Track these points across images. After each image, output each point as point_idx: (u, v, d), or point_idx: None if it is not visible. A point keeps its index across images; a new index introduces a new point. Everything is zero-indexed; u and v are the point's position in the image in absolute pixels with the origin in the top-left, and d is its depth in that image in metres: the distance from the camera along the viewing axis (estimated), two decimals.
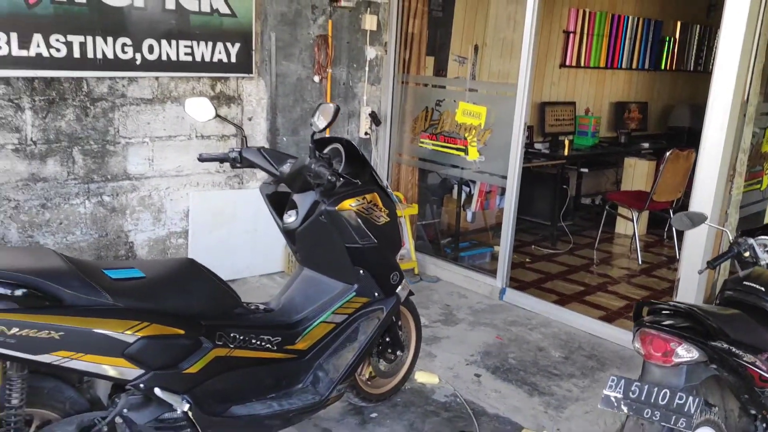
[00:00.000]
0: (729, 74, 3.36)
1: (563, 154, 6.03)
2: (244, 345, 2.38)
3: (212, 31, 4.18)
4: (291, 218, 2.68)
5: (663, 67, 7.94)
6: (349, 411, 3.08)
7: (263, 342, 2.45)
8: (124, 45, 3.85)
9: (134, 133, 4.07)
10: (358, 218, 2.63)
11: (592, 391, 3.39)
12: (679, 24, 7.96)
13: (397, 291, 2.87)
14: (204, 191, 4.44)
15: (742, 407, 2.38)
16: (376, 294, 2.78)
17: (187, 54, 4.11)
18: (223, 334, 2.31)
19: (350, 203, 2.60)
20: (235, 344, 2.34)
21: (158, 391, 2.12)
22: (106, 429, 2.10)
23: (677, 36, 7.99)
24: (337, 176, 2.48)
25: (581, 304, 4.57)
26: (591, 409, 3.21)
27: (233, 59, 4.31)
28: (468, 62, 5.61)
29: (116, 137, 4.01)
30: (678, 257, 4.32)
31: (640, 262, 5.55)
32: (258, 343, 2.43)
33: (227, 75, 4.34)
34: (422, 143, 5.13)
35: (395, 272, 2.85)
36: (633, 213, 5.71)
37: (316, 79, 4.79)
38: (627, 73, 7.51)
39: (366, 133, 5.11)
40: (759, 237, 2.53)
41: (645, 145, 6.89)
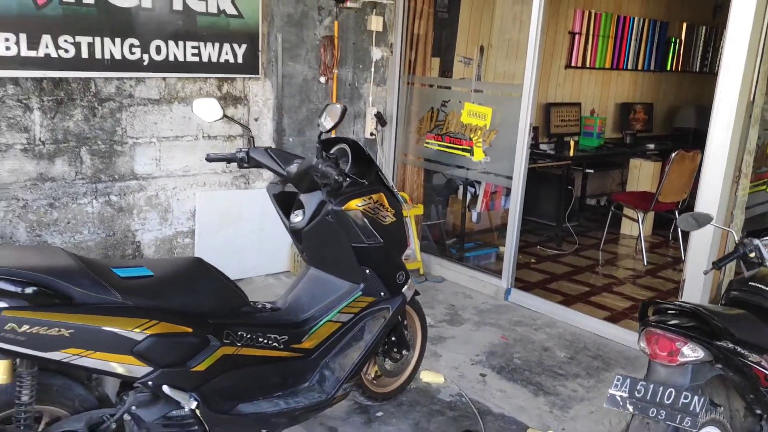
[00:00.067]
0: (735, 75, 3.36)
1: (568, 155, 6.02)
2: (251, 343, 2.39)
3: (219, 32, 4.20)
4: (298, 218, 2.70)
5: (669, 68, 7.93)
6: (355, 410, 3.10)
7: (270, 341, 2.46)
8: (132, 46, 3.88)
9: (141, 134, 4.10)
10: (365, 218, 2.64)
11: (598, 391, 3.40)
12: (685, 25, 7.95)
13: (403, 290, 2.87)
14: (210, 191, 4.46)
15: (748, 407, 2.39)
16: (382, 293, 2.79)
17: (194, 55, 4.13)
18: (231, 333, 2.33)
19: (357, 203, 2.61)
20: (243, 343, 2.36)
21: (166, 389, 2.14)
22: (115, 426, 2.12)
23: (683, 37, 7.97)
24: (344, 176, 2.49)
25: (586, 305, 4.57)
26: (596, 409, 3.22)
27: (240, 60, 4.33)
28: (473, 63, 5.62)
29: (124, 137, 4.03)
30: (683, 258, 4.32)
31: (646, 263, 5.55)
32: (265, 342, 2.44)
33: (234, 76, 4.37)
34: (427, 144, 5.14)
35: (401, 272, 2.86)
36: (638, 214, 5.70)
37: (322, 80, 4.80)
38: (632, 74, 7.50)
39: (371, 134, 5.12)
40: (764, 238, 2.53)
41: (650, 146, 6.88)
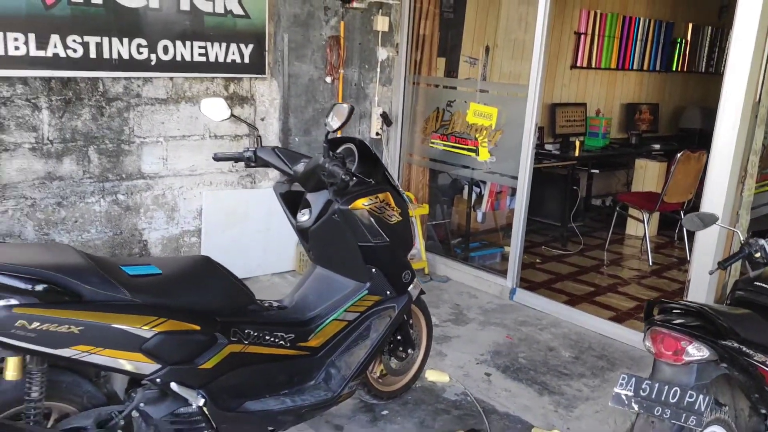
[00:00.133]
0: (741, 75, 3.36)
1: (574, 155, 6.02)
2: (258, 341, 2.41)
3: (226, 32, 4.22)
4: (304, 217, 2.71)
5: (674, 69, 7.91)
6: (361, 408, 3.11)
7: (277, 339, 2.48)
8: (140, 46, 3.90)
9: (149, 133, 4.12)
10: (371, 217, 2.65)
11: (602, 391, 3.40)
12: (691, 25, 7.93)
13: (409, 290, 2.89)
14: (217, 190, 4.48)
15: (753, 406, 2.39)
16: (388, 292, 2.80)
17: (201, 55, 4.16)
18: (238, 331, 2.34)
19: (363, 202, 2.63)
20: (250, 341, 2.38)
21: (174, 386, 2.16)
22: (123, 423, 2.14)
23: (689, 37, 7.95)
24: (351, 175, 2.50)
25: (591, 305, 4.57)
26: (601, 409, 3.22)
27: (246, 60, 4.35)
28: (479, 63, 5.62)
29: (131, 137, 4.06)
30: (689, 258, 4.32)
31: (651, 263, 5.54)
32: (272, 340, 2.46)
33: (240, 75, 4.39)
34: (433, 144, 5.15)
35: (407, 271, 2.87)
36: (644, 214, 5.70)
37: (328, 80, 4.82)
38: (638, 75, 7.49)
39: (377, 134, 5.13)
40: None
41: (656, 147, 6.87)
